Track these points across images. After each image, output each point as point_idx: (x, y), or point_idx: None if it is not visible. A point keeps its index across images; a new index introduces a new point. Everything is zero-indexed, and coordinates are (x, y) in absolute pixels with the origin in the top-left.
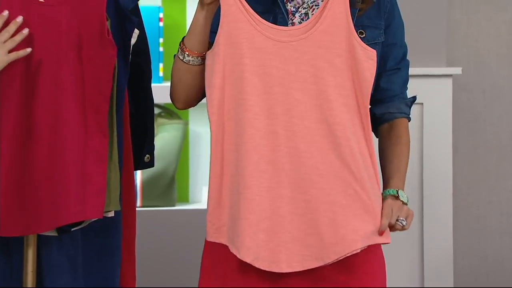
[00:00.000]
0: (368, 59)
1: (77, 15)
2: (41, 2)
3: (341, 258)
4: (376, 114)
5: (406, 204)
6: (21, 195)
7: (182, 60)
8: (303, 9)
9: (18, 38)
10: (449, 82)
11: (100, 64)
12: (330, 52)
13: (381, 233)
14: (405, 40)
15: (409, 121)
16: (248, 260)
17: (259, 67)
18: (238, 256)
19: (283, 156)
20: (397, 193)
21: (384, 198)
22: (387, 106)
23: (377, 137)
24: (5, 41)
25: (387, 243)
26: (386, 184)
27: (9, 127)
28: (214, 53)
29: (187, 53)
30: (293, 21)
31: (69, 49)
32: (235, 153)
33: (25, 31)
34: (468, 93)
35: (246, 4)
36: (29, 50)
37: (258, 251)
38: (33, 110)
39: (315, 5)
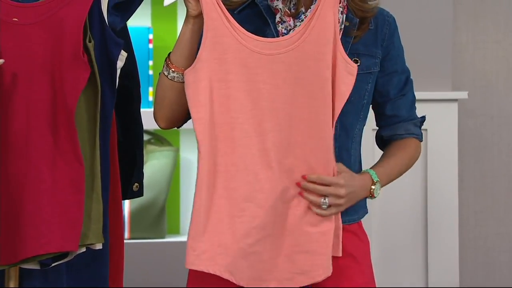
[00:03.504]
0: (347, 73)
1: (52, 35)
2: (15, 21)
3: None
4: (384, 137)
5: (373, 195)
6: None
7: (167, 77)
8: (294, 32)
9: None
10: (454, 107)
11: (70, 87)
12: (319, 63)
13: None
14: (409, 63)
15: (420, 141)
16: (242, 283)
17: (245, 82)
18: (233, 281)
19: (275, 173)
20: (376, 181)
21: (362, 174)
22: (394, 128)
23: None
24: None
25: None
26: (374, 167)
27: None
28: (196, 69)
29: (172, 69)
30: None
31: (42, 71)
32: (225, 174)
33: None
34: (474, 118)
35: (231, 17)
36: (1, 61)
37: (251, 272)
38: (3, 135)
39: None
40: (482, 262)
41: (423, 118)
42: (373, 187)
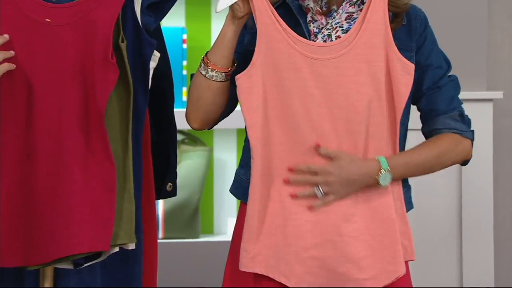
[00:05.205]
0: (405, 73)
1: (83, 36)
2: (47, 21)
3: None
4: (425, 133)
5: (378, 182)
6: (21, 224)
7: (205, 76)
8: (326, 30)
9: (11, 53)
10: (489, 107)
11: (100, 88)
12: (373, 65)
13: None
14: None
15: (470, 139)
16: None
17: (299, 88)
18: (288, 284)
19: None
20: (383, 168)
21: (369, 159)
22: (433, 122)
23: None
24: None
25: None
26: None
27: (10, 153)
28: (250, 74)
29: (211, 67)
30: (316, 42)
31: (74, 71)
32: (278, 178)
33: (11, 52)
34: (510, 118)
35: (283, 23)
36: (12, 52)
37: (311, 278)
38: (35, 135)
39: (339, 27)
40: None
41: (461, 111)
42: (380, 174)
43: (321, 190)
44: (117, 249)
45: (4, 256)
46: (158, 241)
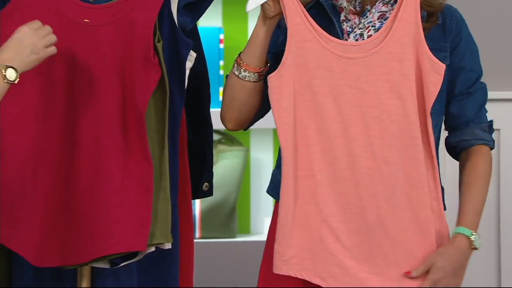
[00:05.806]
0: (434, 72)
1: (123, 36)
2: (86, 22)
3: None
4: (452, 143)
5: (476, 248)
6: (60, 224)
7: (238, 76)
8: (359, 29)
9: (55, 38)
10: None
11: (140, 88)
12: (404, 64)
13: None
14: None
15: (491, 148)
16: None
17: (330, 87)
18: (323, 285)
19: (363, 179)
20: (471, 236)
21: (452, 238)
22: (461, 133)
23: None
24: (44, 36)
25: None
26: (459, 219)
27: (50, 153)
28: (281, 74)
29: (243, 68)
30: (347, 41)
31: (112, 72)
32: (311, 179)
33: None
34: None
35: (314, 22)
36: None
37: (348, 279)
38: (74, 135)
39: (371, 26)
40: None
41: (490, 122)
42: (472, 241)
43: None
44: (153, 248)
45: (42, 256)
46: (195, 240)
